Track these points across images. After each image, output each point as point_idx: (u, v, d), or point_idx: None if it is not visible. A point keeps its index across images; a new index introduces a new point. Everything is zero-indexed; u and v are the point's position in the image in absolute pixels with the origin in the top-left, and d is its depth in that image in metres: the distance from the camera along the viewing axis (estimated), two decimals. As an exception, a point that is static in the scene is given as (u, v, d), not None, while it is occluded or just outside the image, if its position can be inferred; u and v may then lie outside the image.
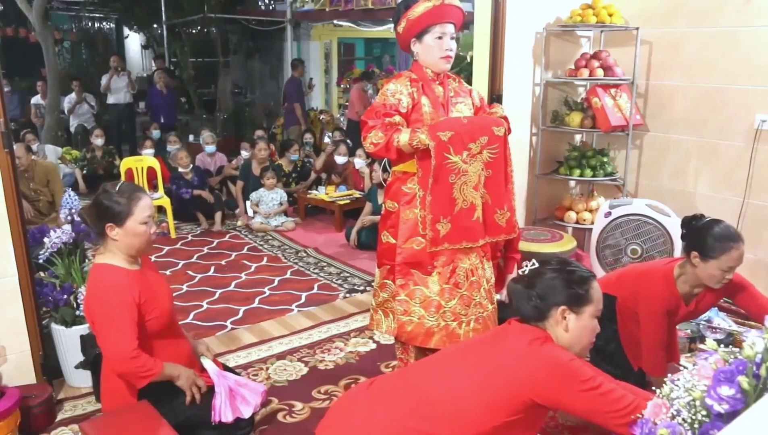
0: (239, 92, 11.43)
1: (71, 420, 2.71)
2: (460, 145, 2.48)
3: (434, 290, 2.57)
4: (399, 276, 2.61)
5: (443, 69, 2.65)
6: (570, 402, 1.70)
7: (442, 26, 2.56)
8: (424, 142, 2.44)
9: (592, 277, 1.84)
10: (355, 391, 1.98)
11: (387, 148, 2.49)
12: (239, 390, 2.31)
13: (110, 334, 2.09)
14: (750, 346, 1.29)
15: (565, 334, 1.78)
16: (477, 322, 2.62)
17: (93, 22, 13.28)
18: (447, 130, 2.47)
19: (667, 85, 4.27)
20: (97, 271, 2.19)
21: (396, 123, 2.52)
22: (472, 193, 2.55)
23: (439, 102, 2.63)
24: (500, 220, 2.65)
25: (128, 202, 2.16)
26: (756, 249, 3.91)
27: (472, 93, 2.80)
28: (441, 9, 2.53)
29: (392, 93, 2.58)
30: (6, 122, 2.61)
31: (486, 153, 2.55)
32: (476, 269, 2.64)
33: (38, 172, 5.01)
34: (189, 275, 4.62)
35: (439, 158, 2.45)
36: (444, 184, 2.49)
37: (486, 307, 2.67)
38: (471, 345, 1.91)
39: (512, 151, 2.68)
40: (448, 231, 2.53)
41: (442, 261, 2.57)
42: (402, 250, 2.60)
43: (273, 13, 10.99)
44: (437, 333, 2.58)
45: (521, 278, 1.88)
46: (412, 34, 2.62)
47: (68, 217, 3.09)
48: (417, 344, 2.65)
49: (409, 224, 2.59)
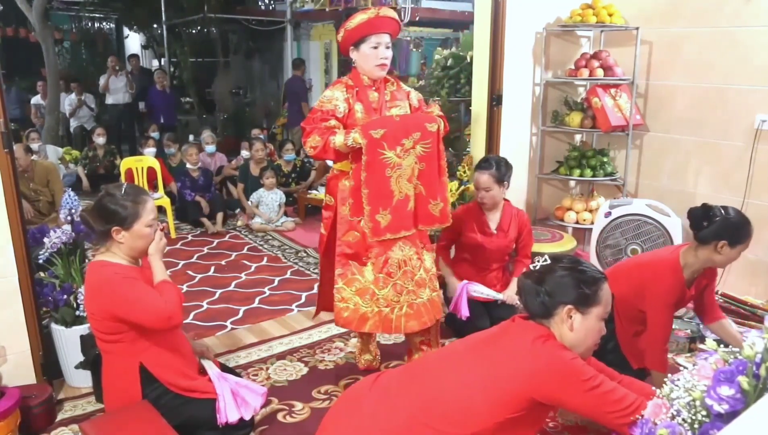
0: (237, 92, 11.42)
1: (71, 420, 2.70)
2: (393, 141, 2.68)
3: (369, 279, 2.80)
4: (338, 266, 2.83)
5: (378, 76, 2.84)
6: (571, 401, 1.70)
7: (377, 36, 2.75)
8: (358, 140, 2.65)
9: (603, 278, 1.83)
10: (359, 388, 1.98)
11: (325, 150, 2.71)
12: (240, 392, 2.31)
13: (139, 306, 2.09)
14: (750, 346, 1.30)
15: (570, 333, 1.78)
16: (410, 308, 2.82)
17: (93, 22, 13.27)
18: (379, 128, 2.68)
19: (667, 85, 4.27)
20: (97, 267, 2.18)
21: (332, 126, 2.73)
22: (407, 185, 2.76)
23: (373, 107, 2.83)
24: (434, 210, 2.85)
25: (135, 205, 2.17)
26: (756, 249, 3.90)
27: (410, 95, 2.99)
28: (376, 20, 2.74)
29: (328, 99, 2.79)
30: (6, 122, 2.61)
31: (419, 147, 2.75)
32: (410, 260, 2.83)
33: (38, 172, 5.01)
34: (189, 275, 4.62)
35: (371, 154, 2.66)
36: (381, 177, 2.70)
37: (419, 294, 2.85)
38: (475, 342, 1.90)
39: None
40: (389, 221, 2.73)
41: (375, 252, 2.78)
42: (340, 243, 2.83)
43: (273, 13, 11.00)
44: (371, 318, 2.81)
45: (531, 273, 1.87)
46: (349, 43, 2.82)
47: (68, 217, 3.09)
48: (353, 329, 2.91)
49: (346, 219, 2.82)
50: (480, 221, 3.35)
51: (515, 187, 4.37)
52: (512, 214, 3.39)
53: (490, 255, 3.38)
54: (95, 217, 2.19)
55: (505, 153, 4.17)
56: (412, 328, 2.86)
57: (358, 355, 3.21)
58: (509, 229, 3.36)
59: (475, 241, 3.34)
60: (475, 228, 3.35)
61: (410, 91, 3.05)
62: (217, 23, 10.73)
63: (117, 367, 2.21)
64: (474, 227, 3.35)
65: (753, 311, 3.67)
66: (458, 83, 4.37)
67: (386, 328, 2.84)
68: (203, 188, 6.11)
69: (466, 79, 4.31)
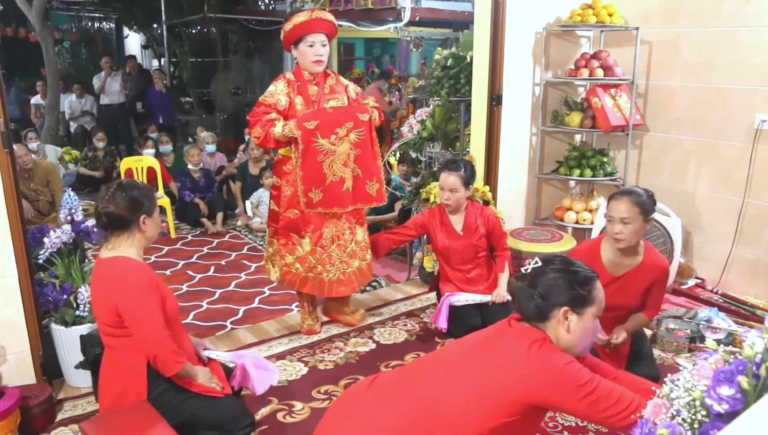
0: (237, 92, 11.41)
1: (71, 420, 2.71)
2: (327, 130, 3.12)
3: (306, 250, 3.31)
4: (281, 237, 3.35)
5: (316, 71, 3.24)
6: (567, 405, 1.69)
7: (312, 36, 3.15)
8: (293, 131, 3.09)
9: (596, 277, 1.82)
10: (355, 391, 1.98)
11: (266, 140, 3.15)
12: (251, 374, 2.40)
13: (146, 318, 2.13)
14: (750, 346, 1.29)
15: (567, 334, 1.77)
16: (342, 275, 3.36)
17: (93, 22, 13.26)
18: (312, 120, 3.10)
19: (667, 85, 4.27)
20: (118, 262, 2.18)
21: (272, 119, 3.15)
22: (342, 168, 3.19)
23: (312, 100, 3.23)
24: (371, 190, 3.32)
25: (152, 193, 2.33)
26: (756, 249, 3.91)
27: (348, 88, 3.38)
28: (311, 22, 3.13)
29: (270, 94, 3.22)
30: (6, 122, 2.61)
31: (353, 135, 3.19)
32: (342, 234, 3.33)
33: (38, 172, 5.02)
34: (189, 275, 4.62)
35: (306, 143, 3.09)
36: (313, 162, 3.12)
37: (351, 264, 3.39)
38: (471, 345, 1.90)
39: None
40: (321, 199, 3.18)
41: (311, 228, 3.28)
42: (283, 218, 3.30)
43: (273, 13, 10.98)
44: (309, 281, 3.34)
45: (524, 276, 1.86)
46: (290, 42, 3.23)
47: (68, 217, 3.08)
48: (296, 289, 3.43)
49: (287, 198, 3.27)
50: (445, 224, 3.36)
51: (515, 187, 4.39)
52: (476, 212, 3.37)
53: (463, 256, 3.37)
54: (125, 208, 2.20)
55: (505, 153, 4.18)
56: (342, 293, 3.41)
57: (302, 322, 3.57)
58: (477, 227, 3.34)
59: (444, 244, 3.36)
60: (441, 232, 3.36)
61: (348, 84, 3.42)
62: (217, 23, 10.72)
63: (122, 363, 2.21)
64: (440, 231, 3.37)
65: (753, 311, 3.68)
66: (458, 83, 4.36)
67: (320, 290, 3.36)
68: (204, 189, 6.10)
69: (466, 79, 4.30)
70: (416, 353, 3.30)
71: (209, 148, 6.92)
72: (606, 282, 2.33)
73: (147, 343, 2.15)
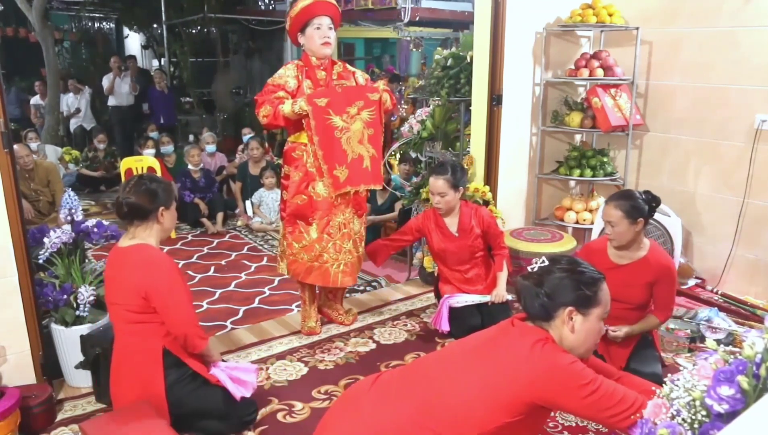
0: (237, 92, 11.40)
1: (71, 420, 2.70)
2: (338, 108, 3.09)
3: (313, 237, 3.24)
4: (288, 225, 3.29)
5: (324, 54, 3.22)
6: (570, 405, 1.69)
7: (319, 18, 3.15)
8: (303, 107, 3.04)
9: (602, 278, 1.82)
10: (357, 390, 1.98)
11: (275, 117, 3.10)
12: (233, 374, 2.48)
13: (180, 301, 2.27)
14: (750, 346, 1.29)
15: (571, 335, 1.77)
16: (346, 266, 3.32)
17: (93, 22, 13.25)
18: (322, 97, 3.07)
19: (667, 85, 4.27)
20: (142, 249, 2.30)
21: (280, 97, 3.13)
22: (358, 146, 3.17)
23: (320, 84, 3.22)
24: (381, 171, 3.34)
25: (171, 187, 2.41)
26: (756, 249, 3.91)
27: (355, 75, 3.39)
28: (315, 5, 3.14)
29: (279, 76, 3.21)
30: (6, 122, 2.61)
31: (365, 114, 3.17)
32: (348, 223, 3.29)
33: (39, 172, 5.02)
34: (189, 275, 4.62)
35: (318, 120, 3.05)
36: (331, 138, 3.08)
37: (353, 253, 3.35)
38: (473, 345, 1.90)
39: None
40: (347, 176, 3.13)
41: (319, 215, 3.21)
42: (290, 204, 3.24)
43: (273, 13, 10.98)
44: (314, 271, 3.29)
45: (530, 275, 1.85)
46: (296, 29, 3.22)
47: (68, 217, 3.08)
48: (299, 280, 3.37)
49: (296, 183, 3.21)
50: (440, 226, 3.36)
51: (515, 187, 4.38)
52: (471, 213, 3.36)
53: (459, 256, 3.37)
54: (146, 199, 2.30)
55: (505, 153, 4.18)
56: (346, 284, 3.38)
57: (303, 322, 3.51)
58: (472, 228, 3.33)
59: (440, 246, 3.37)
60: (437, 234, 3.37)
61: (356, 71, 3.42)
62: (217, 23, 10.72)
63: (138, 351, 2.29)
64: (435, 233, 3.37)
65: (753, 311, 3.67)
66: (458, 83, 4.36)
67: (325, 280, 3.31)
68: (204, 189, 6.10)
69: (466, 79, 4.30)
70: (416, 353, 3.30)
71: (209, 148, 6.92)
72: (608, 266, 2.67)
73: (179, 322, 2.26)
